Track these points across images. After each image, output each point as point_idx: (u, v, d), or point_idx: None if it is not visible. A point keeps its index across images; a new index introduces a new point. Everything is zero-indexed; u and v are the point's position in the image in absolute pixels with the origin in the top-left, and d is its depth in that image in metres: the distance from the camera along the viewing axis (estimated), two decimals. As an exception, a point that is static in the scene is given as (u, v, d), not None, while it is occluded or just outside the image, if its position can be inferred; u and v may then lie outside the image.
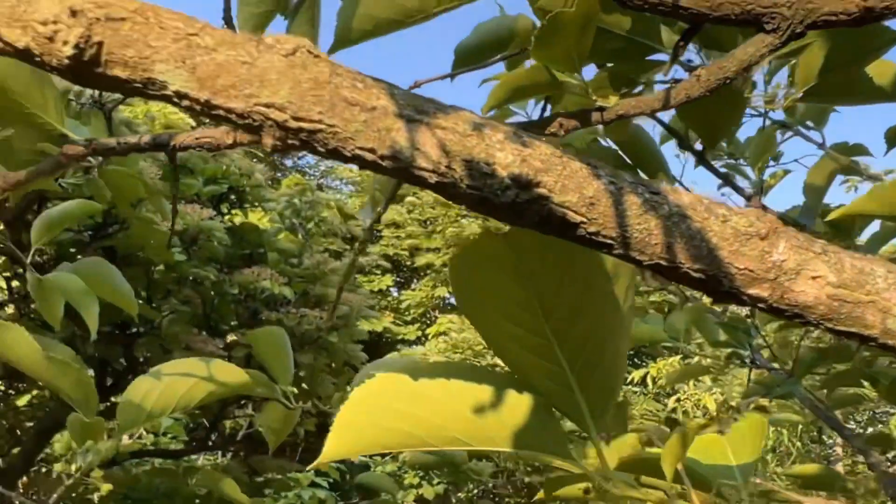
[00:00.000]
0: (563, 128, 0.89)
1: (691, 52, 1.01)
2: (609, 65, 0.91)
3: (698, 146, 1.23)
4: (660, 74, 0.96)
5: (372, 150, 0.41)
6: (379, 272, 12.23)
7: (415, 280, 13.11)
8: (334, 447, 0.52)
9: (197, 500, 3.94)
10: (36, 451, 3.87)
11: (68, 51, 0.39)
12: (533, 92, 0.82)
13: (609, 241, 0.43)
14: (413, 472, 10.21)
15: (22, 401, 5.36)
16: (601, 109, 0.85)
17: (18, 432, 5.62)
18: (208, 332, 3.67)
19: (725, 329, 1.64)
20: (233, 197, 3.51)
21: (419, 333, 11.95)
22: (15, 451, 5.30)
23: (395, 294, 12.92)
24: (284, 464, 5.04)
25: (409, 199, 11.68)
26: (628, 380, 8.57)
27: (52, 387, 1.19)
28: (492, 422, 0.60)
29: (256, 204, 3.70)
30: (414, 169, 0.41)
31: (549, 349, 0.55)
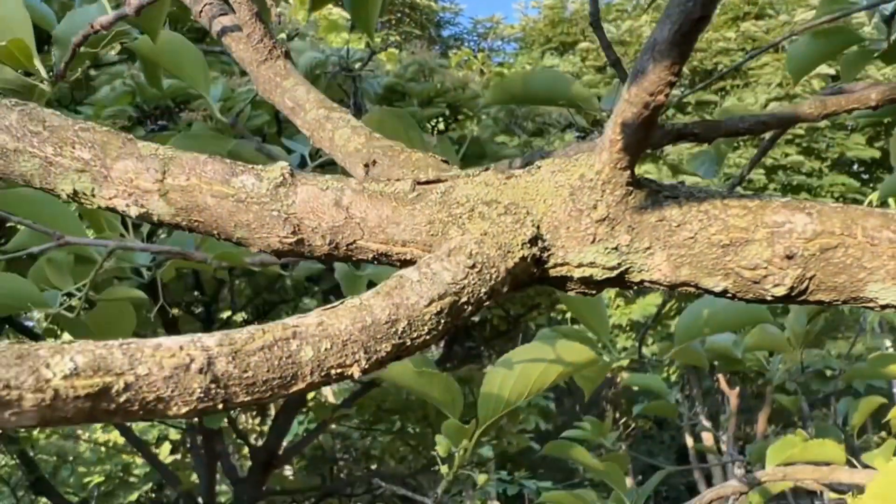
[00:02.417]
0: None
1: None
2: None
3: None
4: None
5: None
6: (557, 129, 11.92)
7: (595, 133, 12.70)
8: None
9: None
10: (285, 427, 4.22)
11: (779, 292, 0.35)
12: None
13: None
14: (625, 335, 10.19)
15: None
16: None
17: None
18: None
19: None
20: (447, 112, 3.46)
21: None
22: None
23: (576, 147, 12.56)
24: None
25: (581, 45, 11.14)
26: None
27: (422, 395, 1.27)
28: None
29: (471, 113, 3.63)
30: None
31: None
